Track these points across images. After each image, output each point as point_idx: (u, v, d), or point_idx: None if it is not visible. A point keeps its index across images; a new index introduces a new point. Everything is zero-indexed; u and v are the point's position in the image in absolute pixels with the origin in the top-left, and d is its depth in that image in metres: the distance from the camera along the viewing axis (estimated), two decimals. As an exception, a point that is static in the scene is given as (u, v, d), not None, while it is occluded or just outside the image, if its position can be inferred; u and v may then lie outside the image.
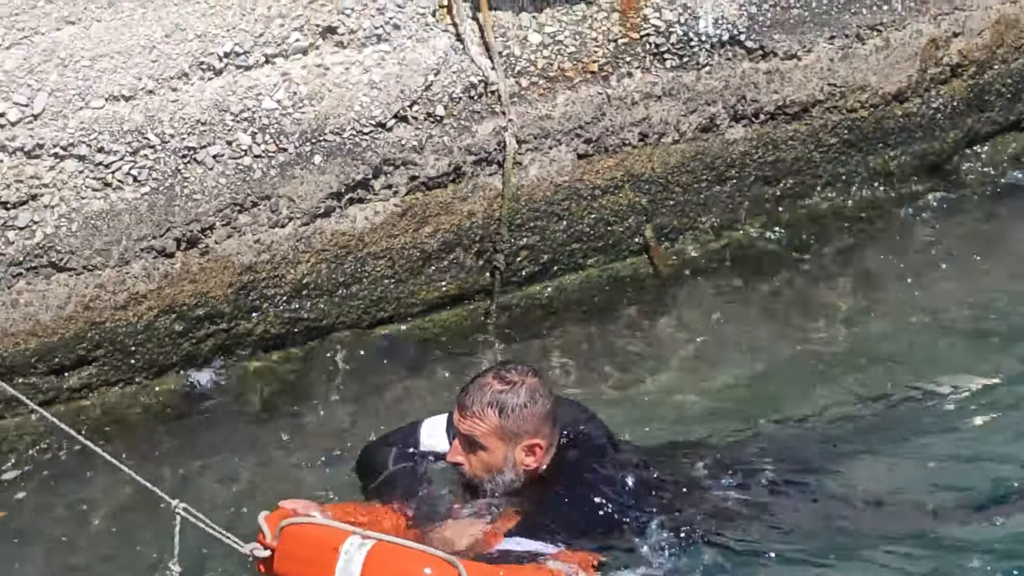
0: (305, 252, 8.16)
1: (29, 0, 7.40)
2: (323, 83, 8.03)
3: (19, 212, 7.61)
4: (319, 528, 6.22)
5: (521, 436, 6.55)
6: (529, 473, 6.62)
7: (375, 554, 6.01)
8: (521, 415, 6.51)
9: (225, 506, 7.29)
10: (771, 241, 9.32)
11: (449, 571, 5.97)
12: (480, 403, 6.53)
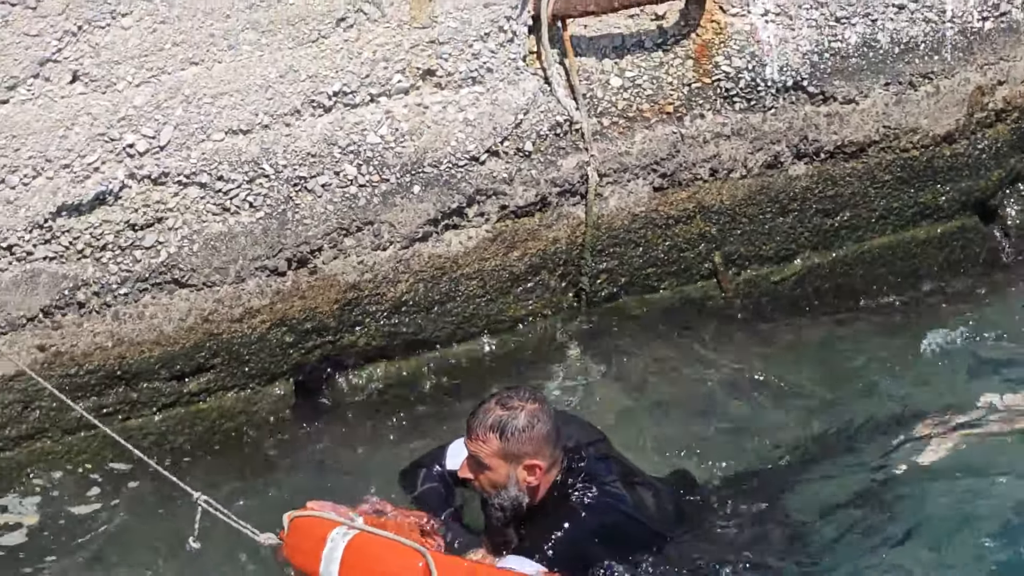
0: (404, 273, 8.01)
1: (157, 42, 7.18)
2: (422, 120, 7.84)
3: (146, 233, 7.49)
4: (316, 519, 6.37)
5: (522, 457, 6.45)
6: (533, 489, 6.50)
7: (355, 542, 6.19)
8: (521, 438, 6.43)
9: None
10: (828, 268, 8.95)
11: (416, 558, 6.11)
12: (483, 427, 6.49)
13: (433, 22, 7.84)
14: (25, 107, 7.14)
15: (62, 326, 7.47)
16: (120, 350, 7.60)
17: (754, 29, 8.47)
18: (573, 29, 8.21)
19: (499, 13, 7.95)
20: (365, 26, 7.63)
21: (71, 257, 7.41)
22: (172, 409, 7.85)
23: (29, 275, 7.33)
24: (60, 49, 7.14)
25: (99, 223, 7.41)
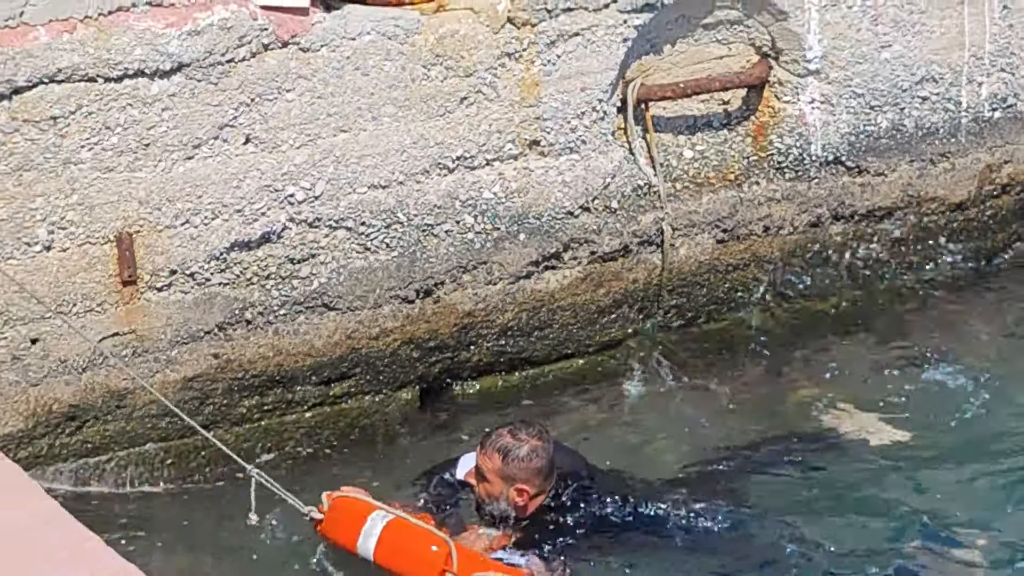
0: (510, 304, 7.78)
1: (314, 113, 7.02)
2: (528, 181, 7.63)
3: (302, 266, 7.31)
4: (358, 501, 6.29)
5: (515, 480, 6.33)
6: (520, 508, 6.37)
7: (392, 525, 6.08)
8: (518, 465, 6.32)
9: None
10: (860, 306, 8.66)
11: (443, 547, 5.97)
12: (493, 446, 6.37)
13: (539, 102, 7.58)
14: (207, 162, 6.97)
15: (232, 339, 7.29)
16: (279, 359, 7.41)
17: (802, 114, 8.18)
18: (653, 110, 7.96)
19: (593, 96, 7.68)
20: (483, 104, 7.39)
21: (241, 284, 7.23)
22: (320, 408, 7.68)
23: (207, 297, 7.16)
24: (236, 117, 6.97)
25: (264, 257, 7.23)
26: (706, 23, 7.93)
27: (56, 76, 6.59)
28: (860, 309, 8.70)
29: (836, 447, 7.63)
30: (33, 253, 6.75)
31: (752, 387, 8.23)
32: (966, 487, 7.25)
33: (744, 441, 7.66)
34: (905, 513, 6.98)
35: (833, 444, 7.66)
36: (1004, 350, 8.48)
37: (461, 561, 5.99)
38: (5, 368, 6.82)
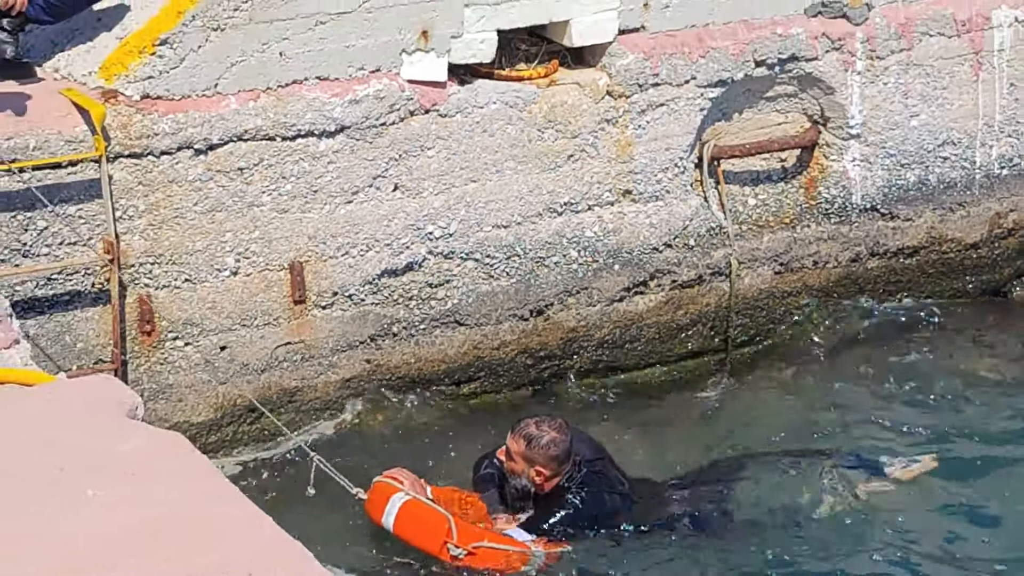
0: (606, 322, 7.71)
1: (450, 167, 7.00)
2: (622, 223, 7.56)
3: (438, 290, 7.29)
4: (388, 485, 6.21)
5: (534, 463, 6.23)
6: (538, 485, 6.28)
7: (407, 505, 6.10)
8: (537, 451, 6.20)
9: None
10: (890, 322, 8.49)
11: (445, 521, 6.04)
12: (519, 433, 6.27)
13: (631, 159, 7.49)
14: (363, 206, 6.98)
15: (381, 348, 7.28)
16: (419, 364, 7.39)
17: (845, 170, 8.05)
18: (724, 166, 7.86)
19: (675, 154, 7.59)
20: (586, 160, 7.34)
21: (389, 304, 7.20)
22: (455, 400, 7.56)
23: (362, 314, 7.15)
24: (387, 169, 6.98)
25: (408, 282, 7.20)
26: (768, 96, 7.81)
27: (243, 135, 6.61)
28: (888, 329, 8.43)
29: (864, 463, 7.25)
30: (223, 277, 6.75)
31: (800, 396, 7.97)
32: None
33: (784, 446, 7.38)
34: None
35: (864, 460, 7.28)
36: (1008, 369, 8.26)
37: (461, 533, 6.04)
38: (199, 370, 6.82)
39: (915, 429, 7.47)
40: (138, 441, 3.69)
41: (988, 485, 7.01)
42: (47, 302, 6.44)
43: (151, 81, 6.45)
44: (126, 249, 6.50)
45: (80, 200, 6.36)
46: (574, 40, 7.28)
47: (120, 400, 3.92)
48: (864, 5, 7.75)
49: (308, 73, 6.72)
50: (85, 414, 3.83)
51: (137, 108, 6.41)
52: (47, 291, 6.43)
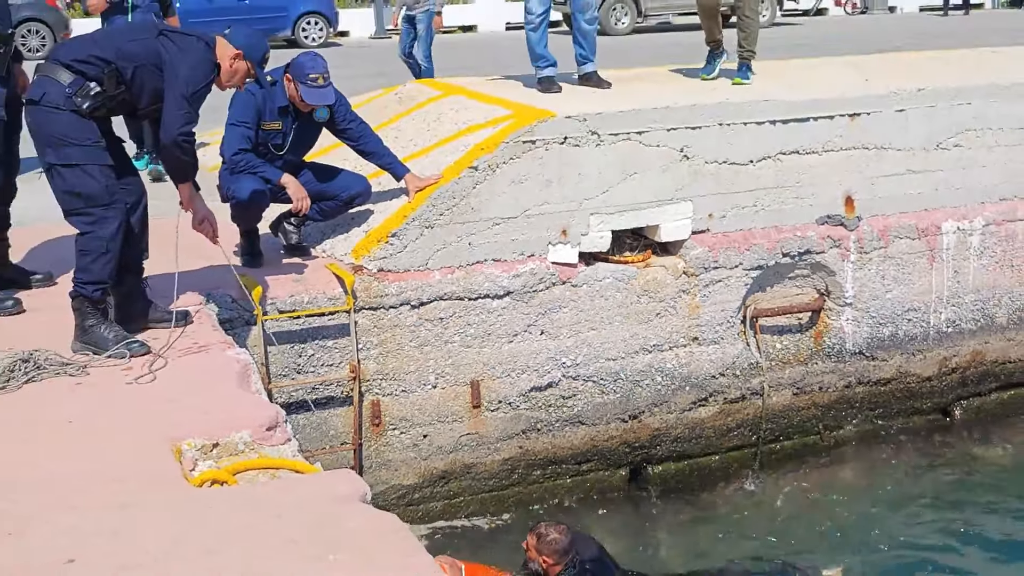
0: (679, 424, 7.51)
1: (577, 319, 6.87)
2: (691, 359, 7.42)
3: (568, 400, 7.18)
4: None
5: (542, 553, 5.72)
6: (544, 571, 5.76)
7: None
8: (544, 545, 5.72)
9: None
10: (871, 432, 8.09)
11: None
12: (534, 532, 5.83)
13: (698, 317, 7.35)
14: (520, 344, 6.98)
15: (530, 438, 7.11)
16: (554, 450, 7.21)
17: (842, 327, 7.85)
18: (761, 322, 7.66)
19: (728, 314, 7.45)
20: (668, 317, 7.33)
21: (535, 409, 7.05)
22: (575, 478, 7.25)
23: (517, 416, 7.07)
24: (536, 320, 6.99)
25: (548, 395, 7.06)
26: (790, 276, 7.68)
27: (443, 296, 6.62)
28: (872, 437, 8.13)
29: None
30: (427, 390, 6.73)
31: (819, 487, 7.59)
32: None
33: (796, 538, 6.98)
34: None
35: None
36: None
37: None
38: (409, 450, 6.78)
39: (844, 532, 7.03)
40: (362, 520, 3.59)
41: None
42: (312, 403, 6.42)
43: (384, 260, 6.47)
44: (364, 370, 6.49)
45: (336, 337, 6.37)
46: (662, 237, 7.20)
47: (356, 488, 3.82)
48: (856, 217, 7.62)
49: (486, 256, 6.70)
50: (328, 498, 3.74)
51: (375, 278, 6.43)
52: (312, 396, 6.42)
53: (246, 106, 6.13)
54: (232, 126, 6.15)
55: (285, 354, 6.23)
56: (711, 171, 7.20)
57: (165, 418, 4.37)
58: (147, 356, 4.97)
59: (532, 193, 6.75)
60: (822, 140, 7.49)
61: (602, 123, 6.90)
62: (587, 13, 8.04)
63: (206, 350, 5.12)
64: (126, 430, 4.28)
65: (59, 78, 4.85)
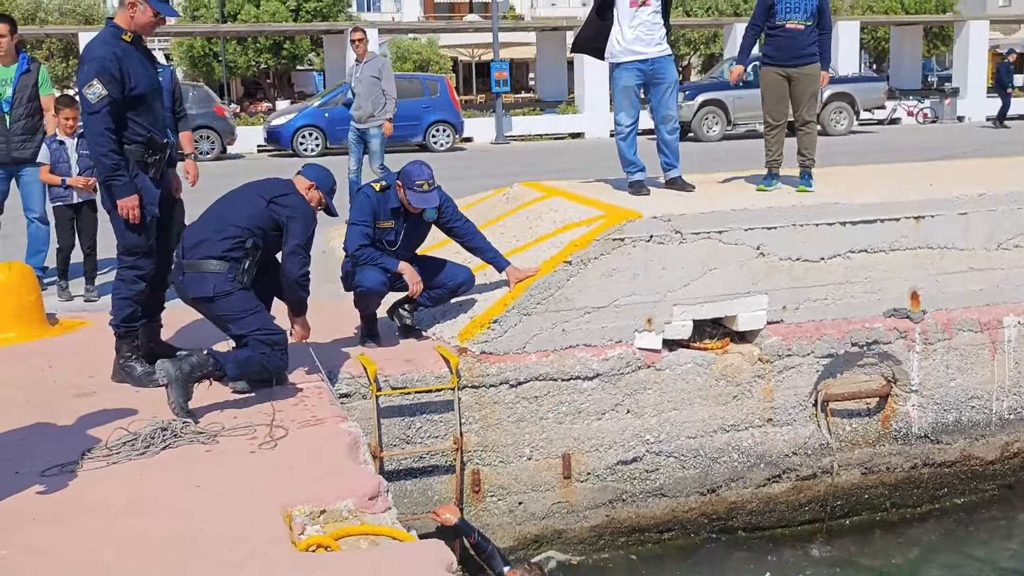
0: (754, 498, 7.20)
1: (661, 400, 6.61)
2: (765, 438, 7.08)
3: (651, 474, 6.90)
4: None
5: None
6: None
7: None
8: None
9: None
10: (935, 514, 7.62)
11: None
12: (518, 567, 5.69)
13: (773, 400, 7.06)
14: (607, 422, 6.76)
15: (616, 507, 6.87)
16: (638, 519, 6.93)
17: (908, 412, 7.47)
18: (831, 405, 7.30)
19: (800, 398, 7.14)
20: (744, 400, 7.05)
21: (620, 480, 6.82)
22: (656, 546, 6.98)
23: (604, 486, 6.85)
24: (623, 400, 6.76)
25: (633, 468, 6.82)
26: (859, 364, 7.33)
27: (538, 377, 6.48)
28: (938, 514, 7.62)
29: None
30: (523, 461, 6.58)
31: (885, 561, 7.11)
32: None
33: None
34: None
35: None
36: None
37: None
38: (505, 516, 6.61)
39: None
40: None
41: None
42: (418, 471, 6.32)
43: (486, 343, 6.38)
44: (466, 442, 6.36)
45: (441, 412, 6.27)
46: (740, 327, 6.96)
47: (444, 558, 3.69)
48: (921, 311, 7.28)
49: (578, 341, 6.56)
50: (419, 565, 3.63)
51: (478, 359, 6.33)
52: (418, 464, 6.32)
53: (363, 208, 6.21)
54: (353, 225, 6.19)
55: (395, 426, 6.16)
56: (785, 267, 6.98)
57: (280, 484, 4.32)
58: (268, 426, 4.94)
59: (621, 285, 6.61)
60: (889, 240, 7.21)
61: (685, 223, 6.76)
62: (668, 125, 7.94)
63: (322, 423, 5.07)
64: (246, 494, 4.24)
65: (218, 269, 5.28)
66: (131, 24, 5.30)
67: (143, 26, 5.33)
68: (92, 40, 5.36)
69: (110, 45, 5.23)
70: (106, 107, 5.15)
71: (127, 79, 5.21)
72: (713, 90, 25.02)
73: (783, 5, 7.81)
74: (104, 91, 5.12)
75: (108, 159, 5.24)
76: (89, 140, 5.31)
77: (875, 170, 9.86)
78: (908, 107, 30.70)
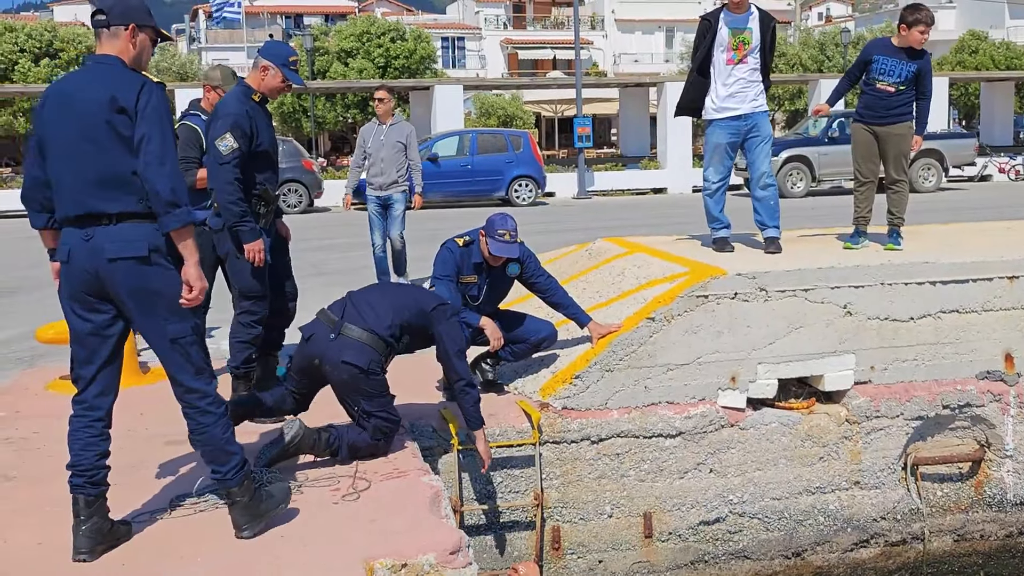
0: (841, 563, 6.98)
1: (745, 459, 6.48)
2: (853, 501, 6.93)
3: (734, 535, 6.75)
4: None
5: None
6: None
7: None
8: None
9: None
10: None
11: None
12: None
13: (860, 462, 6.90)
14: (690, 480, 6.69)
15: (698, 568, 6.73)
16: (720, 581, 6.69)
17: (1003, 478, 7.22)
18: (922, 469, 7.10)
19: (889, 460, 6.98)
20: (831, 461, 6.89)
21: (702, 542, 6.70)
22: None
23: (685, 547, 6.75)
24: (706, 459, 6.67)
25: (716, 529, 6.69)
26: (951, 427, 7.14)
27: (620, 434, 6.43)
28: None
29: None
30: (603, 519, 6.50)
31: None
32: None
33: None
34: None
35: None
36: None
37: None
38: (585, 574, 6.49)
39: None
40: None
41: None
42: (498, 526, 6.28)
43: (568, 399, 6.35)
44: (547, 498, 6.32)
45: (522, 467, 6.24)
46: (826, 387, 6.83)
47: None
48: (1015, 373, 7.08)
49: (661, 399, 6.50)
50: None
51: (559, 415, 6.31)
52: (499, 519, 6.28)
53: (446, 263, 6.28)
54: (438, 279, 6.25)
55: (476, 480, 6.14)
56: (873, 326, 6.84)
57: (363, 536, 4.34)
58: (351, 478, 4.98)
59: (704, 342, 6.55)
60: (981, 300, 7.03)
61: (769, 280, 6.68)
62: (761, 181, 7.81)
63: (405, 475, 5.08)
64: (328, 544, 4.27)
65: (375, 347, 5.24)
66: (261, 86, 5.70)
67: (271, 89, 5.72)
68: (227, 96, 5.78)
69: (242, 103, 5.62)
70: (236, 159, 5.50)
71: (255, 135, 5.59)
72: (798, 146, 24.84)
73: (879, 65, 7.67)
74: (235, 144, 5.48)
75: (237, 207, 5.57)
76: (218, 189, 5.65)
77: (965, 228, 9.65)
78: (999, 164, 30.09)
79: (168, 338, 4.05)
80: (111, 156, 3.87)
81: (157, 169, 3.81)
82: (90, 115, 3.86)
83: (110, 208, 3.88)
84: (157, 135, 3.84)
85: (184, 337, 4.07)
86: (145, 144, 3.82)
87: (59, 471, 5.10)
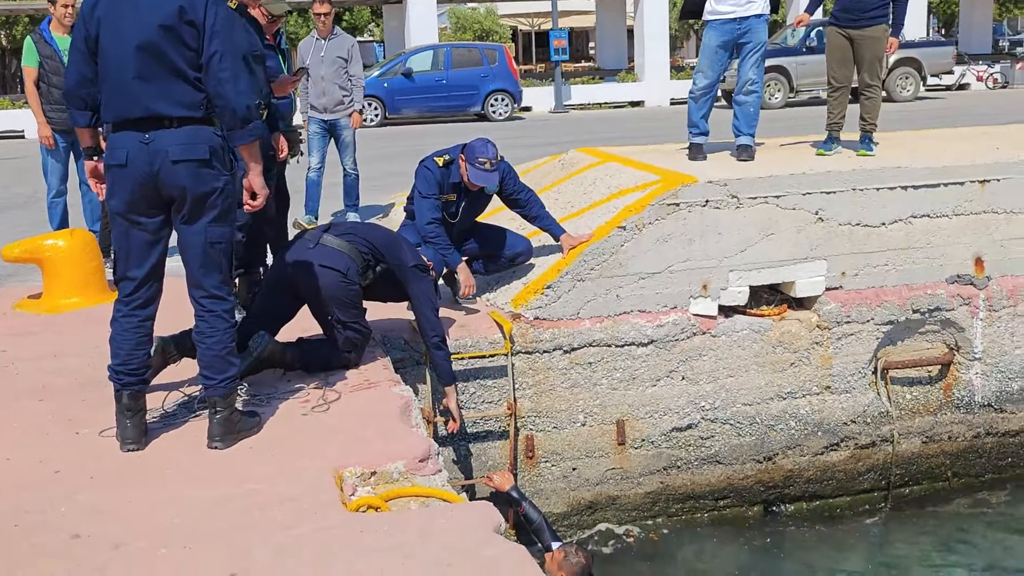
0: (811, 466, 7.09)
1: (716, 367, 6.58)
2: (823, 406, 6.98)
3: (706, 441, 6.84)
4: None
5: (561, 569, 5.14)
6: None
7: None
8: (566, 563, 5.16)
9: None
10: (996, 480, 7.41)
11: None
12: (563, 547, 5.32)
13: (831, 367, 6.94)
14: (662, 388, 6.70)
15: (670, 474, 6.83)
16: (693, 487, 6.88)
17: (971, 380, 7.30)
18: (891, 373, 7.17)
19: (859, 365, 7.01)
20: (802, 367, 6.94)
21: (675, 448, 6.78)
22: (711, 512, 6.92)
23: (659, 453, 6.84)
24: (677, 367, 6.71)
25: (688, 435, 6.78)
26: (920, 331, 7.20)
27: (592, 343, 6.45)
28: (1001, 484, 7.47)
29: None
30: (576, 427, 6.57)
31: (947, 531, 6.97)
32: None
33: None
34: None
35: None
36: None
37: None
38: (559, 481, 6.61)
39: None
40: (496, 550, 3.46)
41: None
42: (472, 436, 6.33)
43: (540, 309, 6.35)
44: (520, 407, 6.36)
45: (495, 377, 6.26)
46: (797, 293, 6.86)
47: (493, 520, 3.69)
48: (985, 277, 7.11)
49: (632, 307, 6.51)
50: (468, 527, 3.62)
51: (531, 325, 6.31)
52: (473, 429, 6.32)
53: (429, 181, 6.16)
54: (423, 198, 6.14)
55: (450, 392, 6.17)
56: (844, 232, 6.84)
57: (332, 446, 4.34)
58: (321, 389, 4.97)
59: (676, 251, 6.53)
60: (952, 204, 7.03)
61: (741, 187, 6.65)
62: (744, 87, 7.66)
63: (375, 386, 5.07)
64: (297, 456, 4.26)
65: (355, 259, 5.16)
66: None
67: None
68: None
69: None
70: None
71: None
72: (775, 56, 24.56)
73: None
74: None
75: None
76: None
77: (940, 134, 9.61)
78: (977, 72, 29.88)
79: (209, 241, 4.15)
80: (177, 64, 3.96)
81: (232, 87, 3.96)
82: (156, 22, 3.94)
83: (174, 112, 3.99)
84: (229, 52, 3.97)
85: (222, 243, 4.19)
86: (218, 61, 3.95)
87: (29, 389, 5.09)
